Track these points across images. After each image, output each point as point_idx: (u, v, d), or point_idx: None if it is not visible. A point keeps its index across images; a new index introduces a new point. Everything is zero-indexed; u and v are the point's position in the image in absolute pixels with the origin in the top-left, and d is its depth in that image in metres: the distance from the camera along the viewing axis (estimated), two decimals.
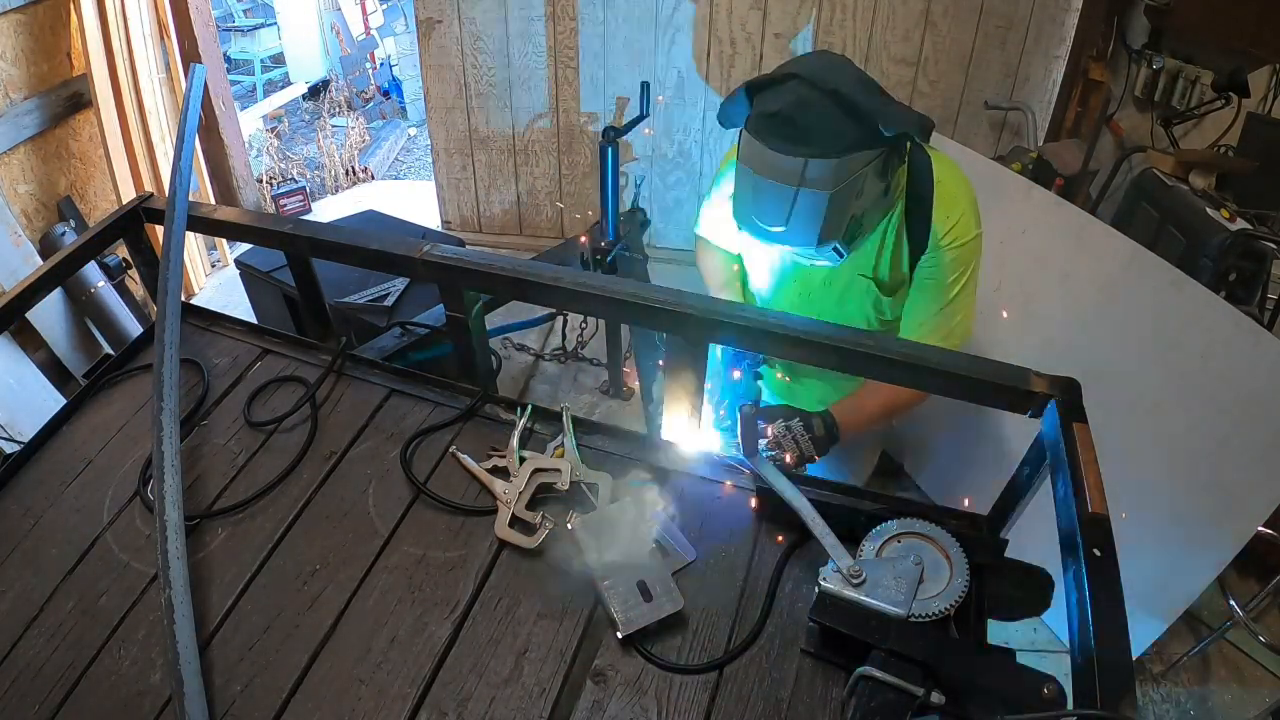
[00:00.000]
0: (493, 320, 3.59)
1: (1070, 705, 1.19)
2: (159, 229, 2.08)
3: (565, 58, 4.71)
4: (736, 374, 2.30)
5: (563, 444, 1.80)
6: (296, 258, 2.20)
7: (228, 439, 1.90)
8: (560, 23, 4.60)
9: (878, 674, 1.28)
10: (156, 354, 1.82)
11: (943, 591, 1.43)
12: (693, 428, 2.06)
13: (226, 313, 2.25)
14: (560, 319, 4.30)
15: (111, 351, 3.87)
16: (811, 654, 1.46)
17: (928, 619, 1.39)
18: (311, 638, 1.51)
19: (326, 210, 6.28)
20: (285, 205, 6.11)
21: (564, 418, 1.84)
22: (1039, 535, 1.61)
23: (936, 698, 1.25)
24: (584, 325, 4.31)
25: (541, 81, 4.83)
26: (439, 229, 5.33)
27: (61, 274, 2.04)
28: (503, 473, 1.75)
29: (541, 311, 3.99)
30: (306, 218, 5.91)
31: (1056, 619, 2.95)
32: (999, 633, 1.53)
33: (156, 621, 1.46)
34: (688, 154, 4.87)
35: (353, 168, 7.09)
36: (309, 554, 1.65)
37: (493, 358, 2.21)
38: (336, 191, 6.90)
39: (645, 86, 3.42)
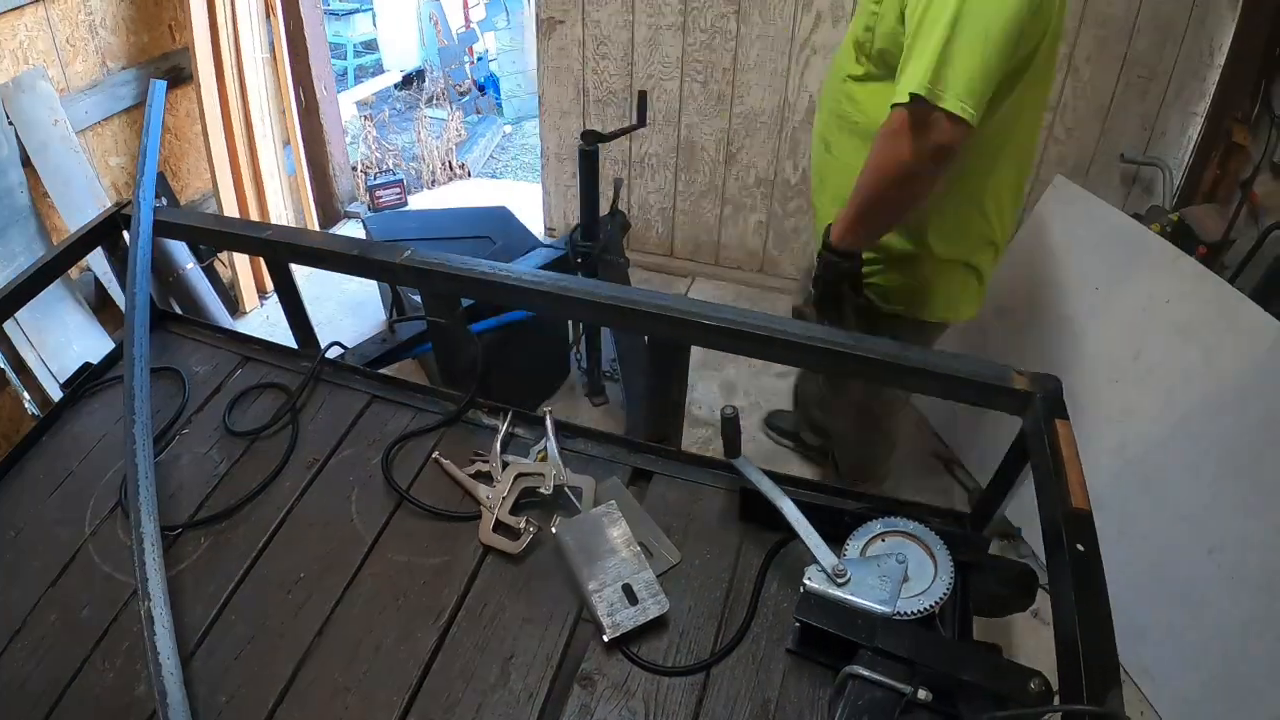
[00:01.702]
0: None
1: (1056, 701, 1.20)
2: None
3: (692, 71, 4.50)
4: None
5: (545, 448, 1.79)
6: (276, 263, 2.19)
7: (209, 447, 1.89)
8: (690, 34, 4.39)
9: (865, 672, 1.29)
10: (126, 367, 1.81)
11: (927, 589, 1.43)
12: (675, 430, 2.07)
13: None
14: None
15: None
16: (798, 654, 1.46)
17: (913, 617, 1.39)
18: (297, 646, 1.50)
19: (422, 205, 6.09)
20: (381, 197, 5.90)
21: (546, 422, 1.84)
22: None
23: (923, 695, 1.26)
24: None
25: (665, 93, 4.62)
26: (543, 235, 5.15)
27: (42, 282, 2.02)
28: (486, 478, 1.75)
29: None
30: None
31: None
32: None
33: (140, 633, 1.45)
34: (811, 181, 4.56)
35: (449, 162, 6.84)
36: (292, 562, 1.64)
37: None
38: (433, 185, 6.65)
39: (643, 96, 3.41)
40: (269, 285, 4.51)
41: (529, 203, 5.47)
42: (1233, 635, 2.42)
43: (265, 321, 4.49)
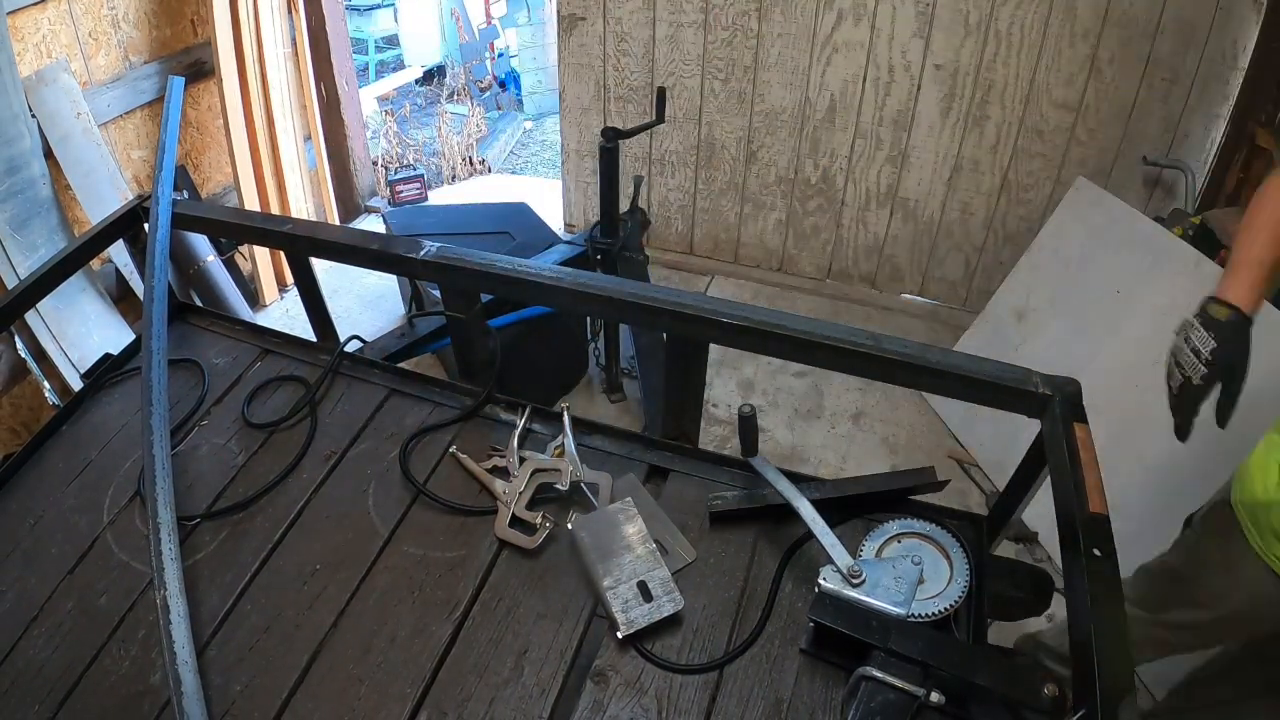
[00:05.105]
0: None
1: (1070, 705, 1.19)
2: None
3: (713, 69, 4.48)
4: None
5: (562, 444, 1.80)
6: (296, 257, 2.20)
7: (227, 439, 1.90)
8: (712, 32, 4.37)
9: (878, 674, 1.28)
10: (144, 359, 1.82)
11: (942, 592, 1.43)
12: (693, 427, 2.06)
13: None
14: None
15: None
16: (811, 654, 1.46)
17: (927, 619, 1.39)
18: (312, 638, 1.51)
19: (442, 201, 6.12)
20: (402, 192, 5.92)
21: (564, 418, 1.84)
22: None
23: (936, 698, 1.25)
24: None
25: (686, 91, 4.60)
26: (563, 231, 5.13)
27: (63, 273, 2.03)
28: (503, 473, 1.75)
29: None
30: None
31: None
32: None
33: (156, 622, 1.46)
34: (831, 180, 4.60)
35: (470, 158, 6.86)
36: (309, 554, 1.65)
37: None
38: (454, 181, 6.67)
39: (661, 92, 3.41)
40: (289, 278, 4.53)
41: (549, 199, 5.48)
42: None
43: (285, 314, 4.51)
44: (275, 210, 4.52)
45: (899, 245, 4.62)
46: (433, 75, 8.77)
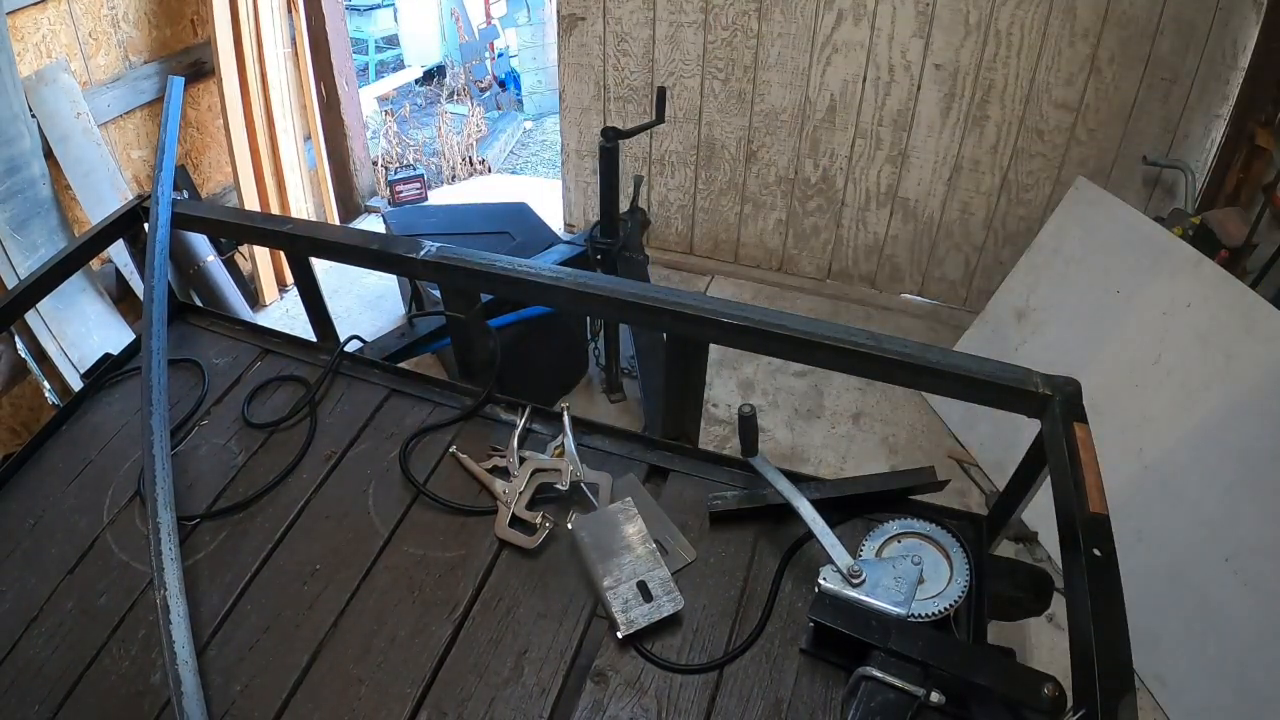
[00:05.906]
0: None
1: (1070, 705, 1.19)
2: None
3: (713, 69, 4.48)
4: None
5: (562, 444, 1.79)
6: (296, 257, 2.20)
7: (227, 439, 1.90)
8: (712, 31, 4.37)
9: (878, 674, 1.28)
10: (144, 360, 1.82)
11: (942, 592, 1.43)
12: (693, 427, 2.06)
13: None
14: None
15: None
16: (811, 654, 1.46)
17: (927, 619, 1.39)
18: (312, 638, 1.51)
19: (442, 201, 6.10)
20: (402, 192, 5.92)
21: (564, 418, 1.84)
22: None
23: (936, 698, 1.25)
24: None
25: (686, 91, 4.61)
26: (563, 231, 5.14)
27: (63, 274, 2.03)
28: (503, 473, 1.75)
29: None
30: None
31: None
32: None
33: (156, 622, 1.46)
34: (831, 180, 4.59)
35: (470, 157, 6.87)
36: (308, 554, 1.65)
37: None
38: (454, 181, 6.66)
39: (661, 92, 3.41)
40: (289, 278, 4.53)
41: (549, 199, 5.48)
42: (1249, 643, 2.40)
43: (285, 314, 4.51)
44: (275, 210, 4.52)
45: (899, 245, 4.62)
46: (433, 75, 8.78)
